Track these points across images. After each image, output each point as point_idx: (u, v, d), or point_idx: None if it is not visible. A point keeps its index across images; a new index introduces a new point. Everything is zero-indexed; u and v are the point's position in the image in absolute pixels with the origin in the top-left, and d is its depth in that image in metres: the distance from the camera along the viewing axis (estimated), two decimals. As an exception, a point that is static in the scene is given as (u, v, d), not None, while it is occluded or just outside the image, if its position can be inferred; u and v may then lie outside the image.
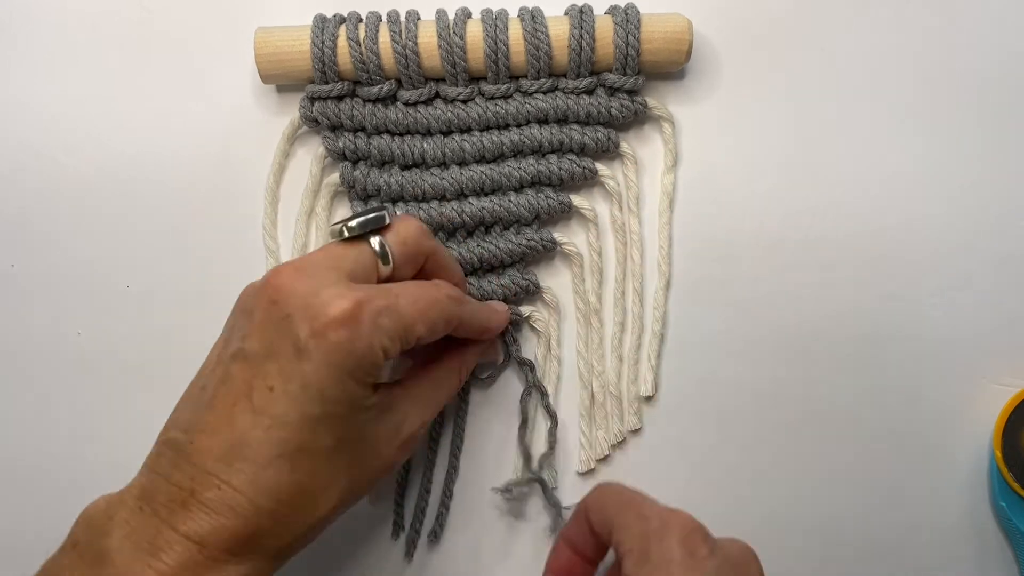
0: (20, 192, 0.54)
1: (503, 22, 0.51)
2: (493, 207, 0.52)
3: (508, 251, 0.52)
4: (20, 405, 0.54)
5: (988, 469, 0.53)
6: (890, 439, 0.53)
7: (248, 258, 0.54)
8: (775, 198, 0.54)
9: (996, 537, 0.53)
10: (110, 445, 0.53)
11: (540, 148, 0.52)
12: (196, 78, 0.55)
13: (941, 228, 0.54)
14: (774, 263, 0.54)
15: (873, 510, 0.53)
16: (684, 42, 0.51)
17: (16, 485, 0.54)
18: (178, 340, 0.53)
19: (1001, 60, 0.55)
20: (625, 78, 0.51)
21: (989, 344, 0.54)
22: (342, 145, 0.52)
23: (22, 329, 0.54)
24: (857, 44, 0.55)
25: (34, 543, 0.53)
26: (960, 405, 0.53)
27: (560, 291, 0.54)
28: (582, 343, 0.53)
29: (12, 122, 0.55)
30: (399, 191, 0.52)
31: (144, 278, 0.54)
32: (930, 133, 0.54)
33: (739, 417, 0.53)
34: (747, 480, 0.53)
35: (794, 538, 0.53)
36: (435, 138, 0.52)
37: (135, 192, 0.54)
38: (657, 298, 0.53)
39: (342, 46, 0.51)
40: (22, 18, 0.56)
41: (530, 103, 0.52)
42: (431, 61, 0.51)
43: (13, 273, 0.54)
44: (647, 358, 0.53)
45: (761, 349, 0.54)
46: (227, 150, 0.54)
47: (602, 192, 0.54)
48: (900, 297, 0.54)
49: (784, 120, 0.54)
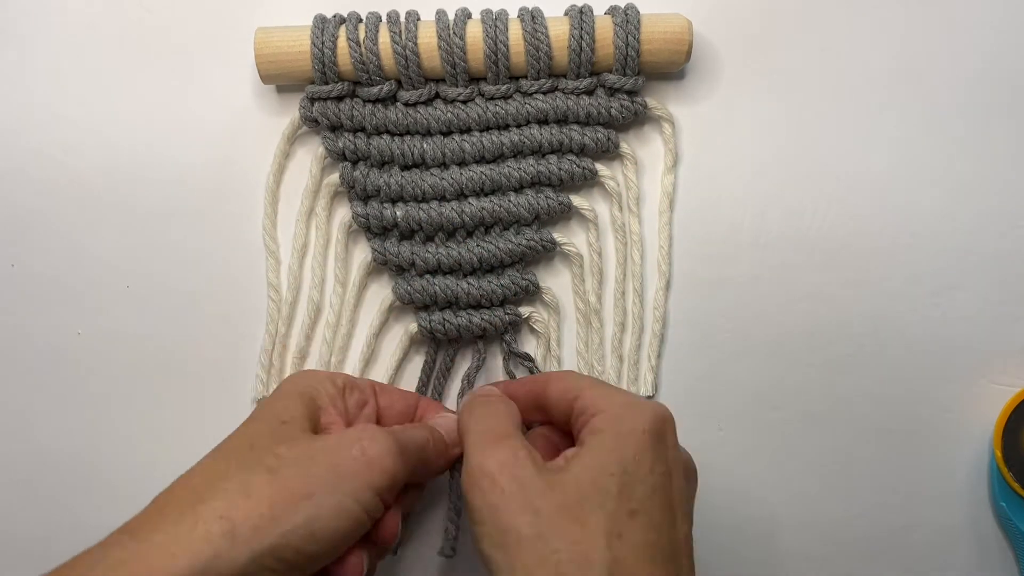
0: (20, 192, 0.54)
1: (503, 23, 0.51)
2: (493, 207, 0.52)
3: (508, 251, 0.52)
4: (20, 405, 0.54)
5: (988, 469, 0.53)
6: (890, 439, 0.53)
7: (248, 258, 0.54)
8: (775, 197, 0.54)
9: (996, 537, 0.53)
10: (110, 445, 0.54)
11: (540, 148, 0.52)
12: (196, 78, 0.55)
13: (941, 228, 0.54)
14: (774, 263, 0.54)
15: (873, 510, 0.53)
16: (684, 42, 0.51)
17: (16, 485, 0.54)
18: (178, 340, 0.54)
19: (1002, 59, 0.55)
20: (625, 79, 0.51)
21: (989, 344, 0.54)
22: (342, 145, 0.52)
23: (22, 329, 0.54)
24: (856, 44, 0.55)
25: (34, 542, 0.54)
26: (960, 405, 0.53)
27: (560, 291, 0.54)
28: (582, 343, 0.53)
29: (12, 122, 0.55)
30: (399, 191, 0.52)
31: (144, 278, 0.54)
32: (930, 133, 0.54)
33: (738, 417, 0.54)
34: (747, 480, 0.54)
35: (793, 537, 0.53)
36: (435, 138, 0.52)
37: (135, 192, 0.54)
38: (657, 298, 0.53)
39: (342, 47, 0.50)
40: (23, 19, 0.56)
41: (530, 103, 0.52)
42: (431, 62, 0.51)
43: (13, 273, 0.54)
44: (647, 358, 0.53)
45: (760, 349, 0.54)
46: (227, 150, 0.54)
47: (602, 192, 0.54)
48: (900, 297, 0.54)
49: (784, 120, 0.54)
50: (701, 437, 0.53)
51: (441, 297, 0.52)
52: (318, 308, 0.53)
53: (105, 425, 0.54)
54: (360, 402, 0.47)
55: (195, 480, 0.40)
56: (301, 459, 0.41)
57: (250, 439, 0.42)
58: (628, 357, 0.53)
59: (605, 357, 0.53)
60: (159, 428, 0.54)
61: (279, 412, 0.43)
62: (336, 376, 0.47)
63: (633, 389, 0.53)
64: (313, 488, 0.40)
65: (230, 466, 0.40)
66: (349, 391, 0.47)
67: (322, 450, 0.41)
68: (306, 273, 0.54)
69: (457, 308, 0.52)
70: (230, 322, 0.54)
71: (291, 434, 0.42)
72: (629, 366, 0.53)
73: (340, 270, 0.53)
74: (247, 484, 0.39)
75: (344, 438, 0.42)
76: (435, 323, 0.52)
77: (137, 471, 0.52)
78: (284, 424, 0.42)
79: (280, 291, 0.53)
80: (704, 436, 0.54)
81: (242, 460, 0.41)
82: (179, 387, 0.54)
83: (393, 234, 0.53)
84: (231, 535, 0.38)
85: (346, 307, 0.53)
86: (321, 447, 0.41)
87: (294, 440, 0.42)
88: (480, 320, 0.52)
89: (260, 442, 0.41)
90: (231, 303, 0.54)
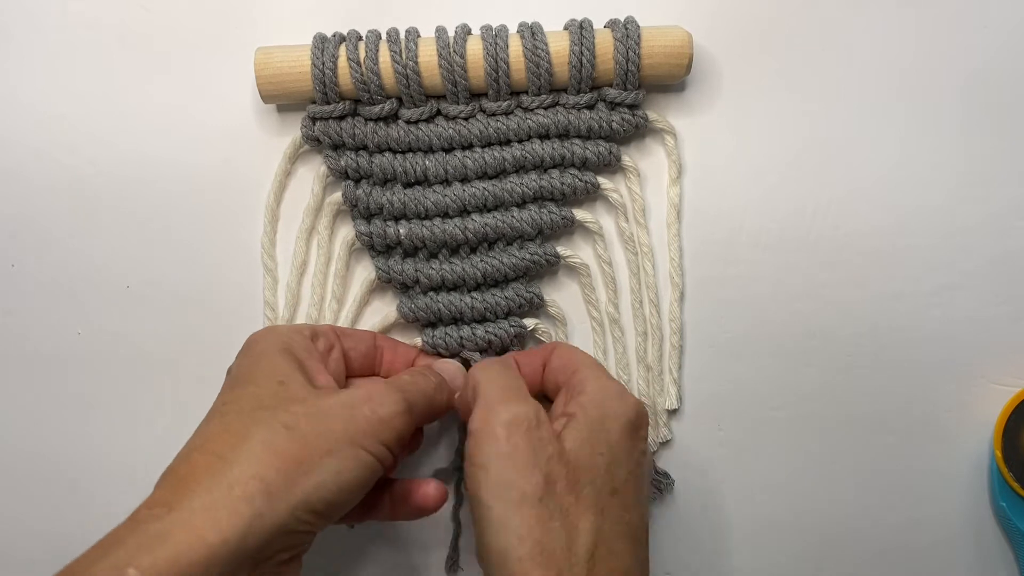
0: (21, 192, 0.54)
1: (503, 39, 0.50)
2: (496, 223, 0.52)
3: (512, 266, 0.52)
4: (20, 405, 0.54)
5: (988, 469, 0.54)
6: (890, 439, 0.54)
7: (248, 261, 0.54)
8: (775, 201, 0.54)
9: (996, 537, 0.54)
10: (110, 445, 0.54)
11: (542, 163, 0.52)
12: (197, 97, 0.55)
13: (941, 228, 0.54)
14: (774, 264, 0.54)
15: (873, 510, 0.54)
16: (684, 56, 0.51)
17: (16, 485, 0.54)
18: (178, 340, 0.54)
19: (1002, 59, 0.54)
20: (626, 93, 0.51)
21: (989, 344, 0.54)
22: (344, 164, 0.52)
23: (22, 329, 0.54)
24: (855, 50, 0.54)
25: (34, 542, 0.54)
26: (960, 405, 0.54)
27: (565, 304, 0.54)
28: (600, 352, 0.54)
29: (12, 122, 0.55)
30: (402, 209, 0.52)
31: (144, 278, 0.54)
32: (930, 135, 0.54)
33: (738, 417, 0.54)
34: (747, 480, 0.54)
35: (793, 537, 0.54)
36: (437, 155, 0.52)
37: (135, 192, 0.54)
38: (672, 310, 0.54)
39: (342, 66, 0.50)
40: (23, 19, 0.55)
41: (531, 119, 0.52)
42: (432, 79, 0.51)
43: (13, 273, 0.54)
44: (669, 371, 0.54)
45: (760, 349, 0.54)
46: (228, 170, 0.54)
47: (605, 205, 0.54)
48: (900, 297, 0.54)
49: (785, 127, 0.54)
50: (701, 437, 0.54)
51: (446, 314, 0.52)
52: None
53: (105, 425, 0.54)
54: (328, 347, 0.48)
55: (214, 446, 0.41)
56: (316, 416, 0.42)
57: (256, 401, 0.42)
58: (654, 367, 0.54)
59: (630, 365, 0.54)
60: (159, 428, 0.54)
61: (271, 373, 0.44)
62: (301, 328, 0.48)
63: (660, 400, 0.54)
64: (332, 444, 0.41)
65: (247, 427, 0.41)
66: (315, 339, 0.47)
67: (335, 407, 0.42)
68: (304, 291, 0.54)
69: (461, 323, 0.52)
70: (230, 323, 0.54)
71: (295, 392, 0.43)
72: (654, 376, 0.54)
73: (338, 287, 0.53)
74: (271, 443, 0.40)
75: (355, 397, 0.43)
76: (438, 337, 0.52)
77: (137, 471, 0.53)
78: (282, 384, 0.43)
79: (276, 309, 0.54)
80: (704, 436, 0.54)
81: (257, 420, 0.41)
82: (179, 387, 0.54)
83: (397, 251, 0.53)
84: (267, 493, 0.39)
85: (344, 324, 0.53)
86: (334, 404, 0.43)
87: (302, 398, 0.43)
88: (484, 333, 0.52)
89: (268, 402, 0.42)
90: (231, 303, 0.54)
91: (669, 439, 0.54)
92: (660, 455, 0.54)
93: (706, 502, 0.54)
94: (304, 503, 0.40)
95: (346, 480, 0.41)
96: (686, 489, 0.54)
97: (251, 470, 0.39)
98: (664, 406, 0.53)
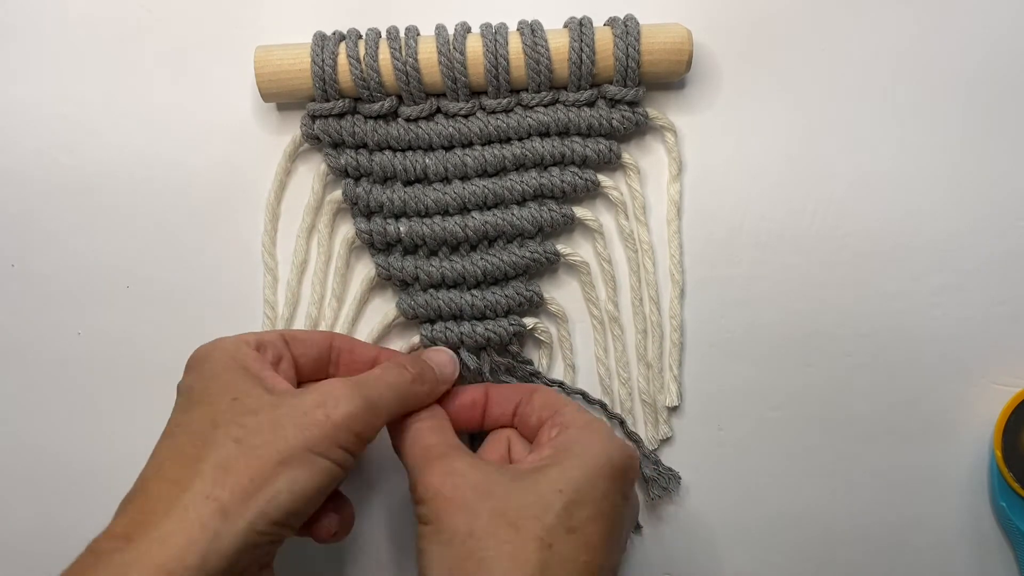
0: (21, 192, 0.55)
1: (503, 37, 0.50)
2: (496, 221, 0.52)
3: (512, 264, 0.52)
4: (20, 405, 0.54)
5: (988, 469, 0.54)
6: (890, 439, 0.54)
7: (248, 261, 0.54)
8: (775, 199, 0.54)
9: (996, 537, 0.54)
10: (110, 445, 0.54)
11: (542, 161, 0.52)
12: (197, 97, 0.55)
13: (941, 228, 0.54)
14: (773, 263, 0.54)
15: (873, 509, 0.54)
16: (684, 53, 0.51)
17: (16, 484, 0.54)
18: (178, 340, 0.53)
19: (1002, 59, 0.55)
20: (626, 90, 0.51)
21: (989, 344, 0.54)
22: (344, 162, 0.52)
23: (22, 329, 0.54)
24: (855, 47, 0.55)
25: (34, 541, 0.54)
26: (960, 405, 0.54)
27: (564, 302, 0.54)
28: (601, 349, 0.53)
29: (12, 122, 0.55)
30: (402, 207, 0.52)
31: (144, 278, 0.54)
32: (930, 134, 0.54)
33: (738, 417, 0.54)
34: (747, 480, 0.54)
35: (793, 537, 0.54)
36: (437, 153, 0.52)
37: (135, 192, 0.54)
38: (673, 307, 0.54)
39: (342, 64, 0.50)
40: (23, 19, 0.55)
41: (531, 116, 0.52)
42: (432, 77, 0.51)
43: (13, 273, 0.54)
44: (669, 368, 0.54)
45: (760, 349, 0.54)
46: (228, 169, 0.54)
47: (605, 203, 0.54)
48: (900, 297, 0.54)
49: (785, 124, 0.54)
50: (701, 437, 0.54)
51: (445, 311, 0.52)
52: (315, 324, 0.54)
53: (104, 425, 0.54)
54: (276, 357, 0.47)
55: (168, 471, 0.41)
56: (268, 426, 0.41)
57: (209, 420, 0.42)
58: (654, 364, 0.54)
59: (630, 363, 0.54)
60: (158, 429, 0.53)
61: (223, 390, 0.43)
62: (246, 338, 0.46)
63: (660, 398, 0.54)
64: (286, 454, 0.41)
65: (198, 450, 0.41)
66: (261, 349, 0.46)
67: (287, 414, 0.42)
68: (305, 289, 0.54)
69: (460, 319, 0.52)
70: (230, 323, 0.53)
71: (250, 405, 0.42)
72: (654, 374, 0.54)
73: (338, 285, 0.53)
74: (222, 461, 0.40)
75: (307, 402, 0.42)
76: (437, 332, 0.52)
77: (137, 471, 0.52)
78: (236, 400, 0.43)
79: (276, 308, 0.54)
80: (704, 436, 0.54)
81: (208, 440, 0.41)
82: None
83: (397, 249, 0.53)
84: (222, 513, 0.39)
85: (344, 321, 0.53)
86: (286, 412, 0.42)
87: (255, 410, 0.42)
88: (483, 330, 0.52)
89: (220, 419, 0.42)
90: (230, 303, 0.54)
91: (669, 436, 0.53)
92: (660, 454, 0.54)
93: (706, 501, 0.54)
94: (262, 516, 0.39)
95: (302, 488, 0.41)
96: (686, 488, 0.54)
97: (204, 491, 0.39)
98: (665, 403, 0.53)
